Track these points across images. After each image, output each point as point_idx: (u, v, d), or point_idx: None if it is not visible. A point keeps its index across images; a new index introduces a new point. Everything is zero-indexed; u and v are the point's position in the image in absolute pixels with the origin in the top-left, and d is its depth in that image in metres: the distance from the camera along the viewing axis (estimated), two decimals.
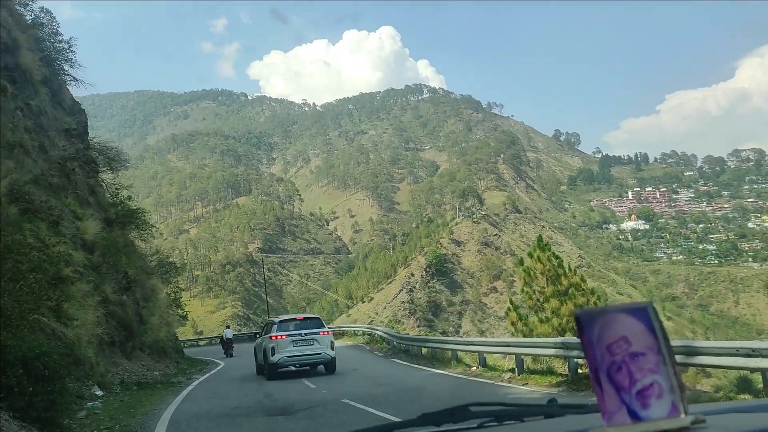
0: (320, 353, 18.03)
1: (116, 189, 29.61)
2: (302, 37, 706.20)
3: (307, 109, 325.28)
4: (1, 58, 19.43)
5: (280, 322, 18.99)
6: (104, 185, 28.92)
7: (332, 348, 18.43)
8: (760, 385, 8.87)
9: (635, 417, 1.06)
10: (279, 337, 17.84)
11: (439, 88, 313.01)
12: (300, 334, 18.04)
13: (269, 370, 17.76)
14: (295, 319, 19.31)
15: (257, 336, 25.92)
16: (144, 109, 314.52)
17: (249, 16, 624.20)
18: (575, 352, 12.11)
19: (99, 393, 13.74)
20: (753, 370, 8.89)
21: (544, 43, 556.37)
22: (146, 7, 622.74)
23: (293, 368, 18.33)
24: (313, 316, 20.65)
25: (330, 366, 18.25)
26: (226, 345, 33.20)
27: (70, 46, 27.99)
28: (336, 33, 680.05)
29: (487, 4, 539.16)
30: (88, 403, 12.25)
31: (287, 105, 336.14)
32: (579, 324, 1.05)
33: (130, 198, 30.61)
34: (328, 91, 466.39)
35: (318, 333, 18.29)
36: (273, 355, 17.62)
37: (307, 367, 18.60)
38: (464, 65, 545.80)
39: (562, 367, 14.20)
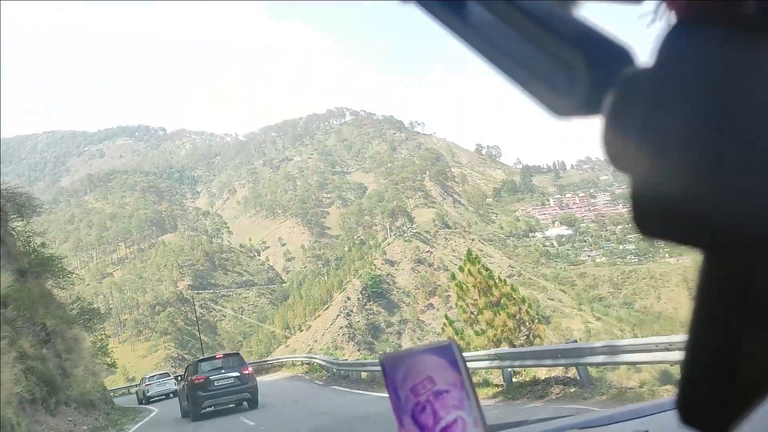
0: (169, 388, 34.55)
1: (28, 237, 28.19)
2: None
3: (229, 139, 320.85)
4: None
5: (149, 377, 38.21)
6: (15, 234, 27.46)
7: (175, 385, 30.69)
8: None
9: None
10: (149, 383, 36.34)
11: (361, 111, 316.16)
12: (159, 381, 36.54)
13: (146, 400, 33.70)
14: (157, 375, 39.10)
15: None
16: (55, 150, 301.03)
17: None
18: (508, 362, 12.39)
19: None
20: (672, 363, 9.37)
21: (455, 59, 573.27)
22: (46, 44, 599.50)
23: (163, 396, 34.97)
24: (164, 372, 42.60)
25: (173, 393, 31.93)
26: None
27: None
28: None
29: (399, 27, 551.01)
30: None
31: (208, 137, 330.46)
32: (383, 370, 1.05)
33: (44, 245, 29.20)
34: (251, 121, 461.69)
35: (168, 379, 36.23)
36: (148, 392, 35.47)
37: (171, 395, 33.25)
38: (384, 86, 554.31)
39: (497, 378, 14.46)
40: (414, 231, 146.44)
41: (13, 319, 19.06)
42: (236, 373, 18.68)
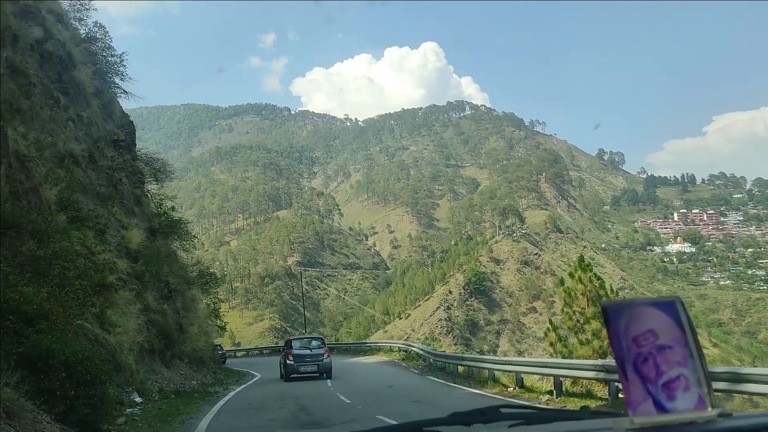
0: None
1: (161, 199, 30.25)
2: (345, 53, 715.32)
3: (348, 124, 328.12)
4: (52, 69, 20.16)
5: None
6: (149, 195, 29.59)
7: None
8: None
9: (661, 408, 1.06)
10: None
11: (482, 105, 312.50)
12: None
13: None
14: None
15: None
16: (190, 122, 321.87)
17: (296, 33, 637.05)
18: (615, 376, 11.72)
19: (138, 400, 13.94)
20: None
21: (588, 62, 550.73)
22: (200, 22, 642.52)
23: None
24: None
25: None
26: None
27: (121, 61, 28.96)
28: (379, 49, 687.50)
29: (533, 24, 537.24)
30: (128, 410, 12.42)
31: (329, 120, 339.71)
32: (605, 315, 1.05)
33: (173, 209, 31.20)
34: (371, 107, 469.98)
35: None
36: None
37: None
38: (508, 83, 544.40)
39: (602, 391, 13.80)
40: (523, 231, 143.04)
41: (141, 274, 20.58)
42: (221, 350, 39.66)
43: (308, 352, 23.14)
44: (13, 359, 7.84)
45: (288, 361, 22.76)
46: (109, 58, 28.83)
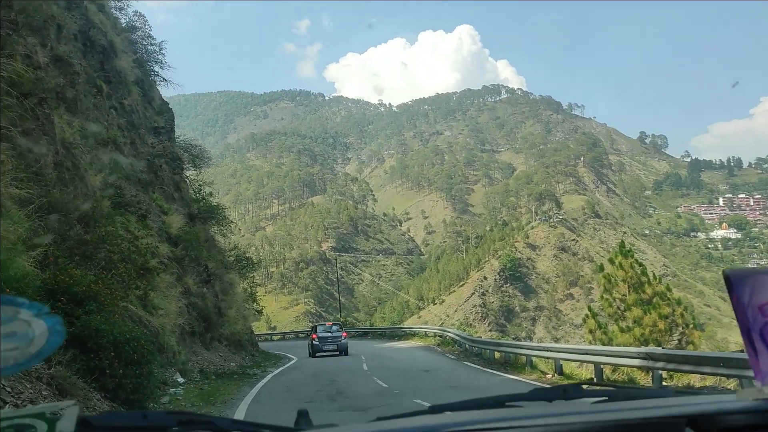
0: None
1: (199, 185, 30.73)
2: (379, 38, 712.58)
3: (383, 109, 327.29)
4: (95, 58, 20.53)
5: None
6: (188, 181, 30.06)
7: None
8: None
9: None
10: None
11: (518, 89, 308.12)
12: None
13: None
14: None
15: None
16: (226, 109, 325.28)
17: (330, 18, 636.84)
18: (660, 364, 11.50)
19: (180, 380, 14.29)
20: None
21: (630, 43, 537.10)
22: (235, 10, 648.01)
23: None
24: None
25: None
26: None
27: (160, 49, 29.38)
28: (413, 34, 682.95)
29: (571, 4, 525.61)
30: (171, 389, 12.74)
31: (363, 105, 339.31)
32: (729, 284, 1.03)
33: (211, 194, 31.72)
34: (405, 92, 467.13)
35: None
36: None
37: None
38: (546, 65, 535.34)
39: (644, 379, 13.58)
40: (561, 217, 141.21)
41: (181, 258, 21.00)
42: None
43: (329, 334, 28.25)
44: (65, 338, 8.09)
45: (314, 342, 28.08)
46: (149, 47, 29.30)
